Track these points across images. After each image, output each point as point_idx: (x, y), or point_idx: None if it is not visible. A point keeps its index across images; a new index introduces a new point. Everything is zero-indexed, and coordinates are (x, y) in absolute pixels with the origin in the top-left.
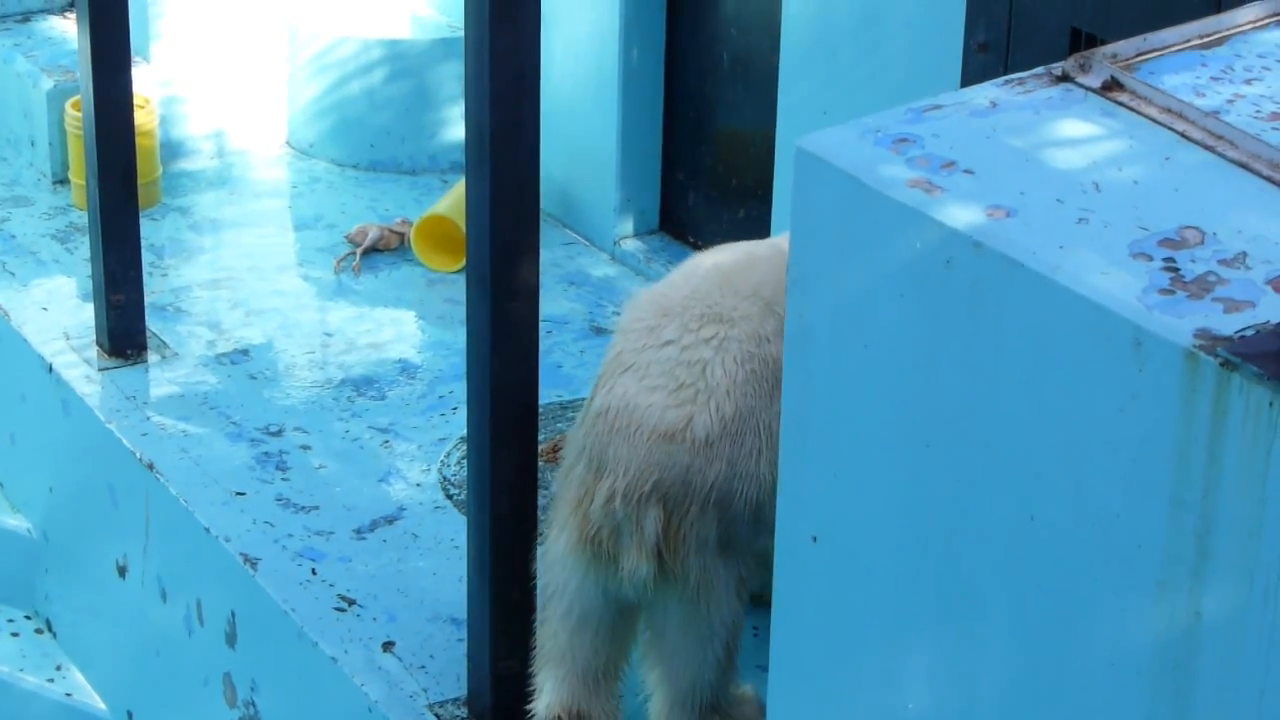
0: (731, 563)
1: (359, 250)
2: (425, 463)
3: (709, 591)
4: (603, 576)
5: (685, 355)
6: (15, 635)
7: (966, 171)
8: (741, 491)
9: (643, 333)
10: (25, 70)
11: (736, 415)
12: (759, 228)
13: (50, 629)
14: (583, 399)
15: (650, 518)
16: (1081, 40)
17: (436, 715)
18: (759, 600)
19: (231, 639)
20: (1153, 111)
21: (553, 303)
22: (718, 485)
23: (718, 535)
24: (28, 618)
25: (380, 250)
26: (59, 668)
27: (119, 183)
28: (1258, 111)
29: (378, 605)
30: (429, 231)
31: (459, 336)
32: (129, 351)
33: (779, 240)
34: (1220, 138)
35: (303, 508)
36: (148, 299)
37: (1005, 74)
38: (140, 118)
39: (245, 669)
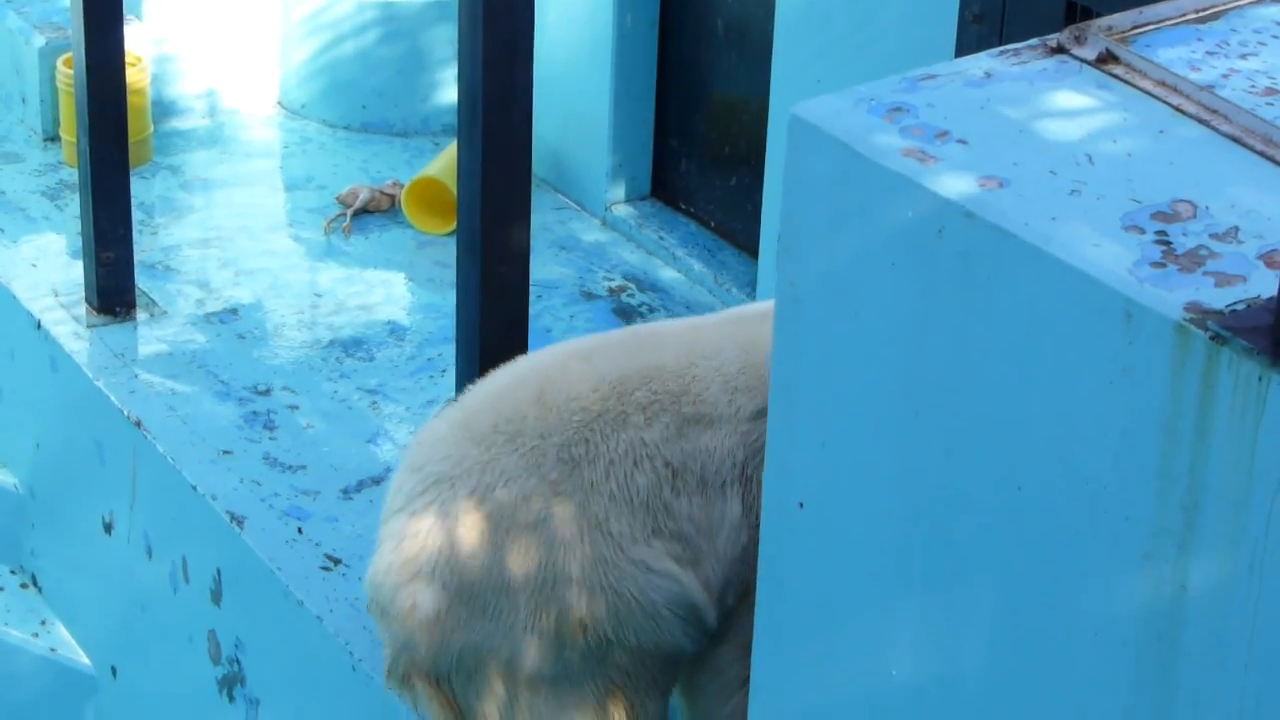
0: (571, 688)
1: (349, 211)
2: (413, 424)
3: (550, 716)
4: None
5: (411, 526)
6: (0, 590)
7: (960, 141)
8: (505, 648)
9: (393, 492)
10: (17, 27)
11: (466, 580)
12: (751, 195)
13: (36, 584)
14: None
15: (420, 694)
16: (1077, 13)
17: None
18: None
19: (217, 596)
20: (1147, 85)
21: (543, 267)
22: (469, 653)
23: (520, 677)
24: (13, 573)
25: (371, 212)
26: (44, 623)
27: (110, 140)
28: (1252, 86)
29: (364, 565)
30: (420, 194)
31: (449, 299)
32: (118, 309)
33: (565, 349)
34: (1214, 112)
35: (290, 467)
36: (137, 257)
37: (1000, 45)
38: (132, 76)
39: (230, 626)
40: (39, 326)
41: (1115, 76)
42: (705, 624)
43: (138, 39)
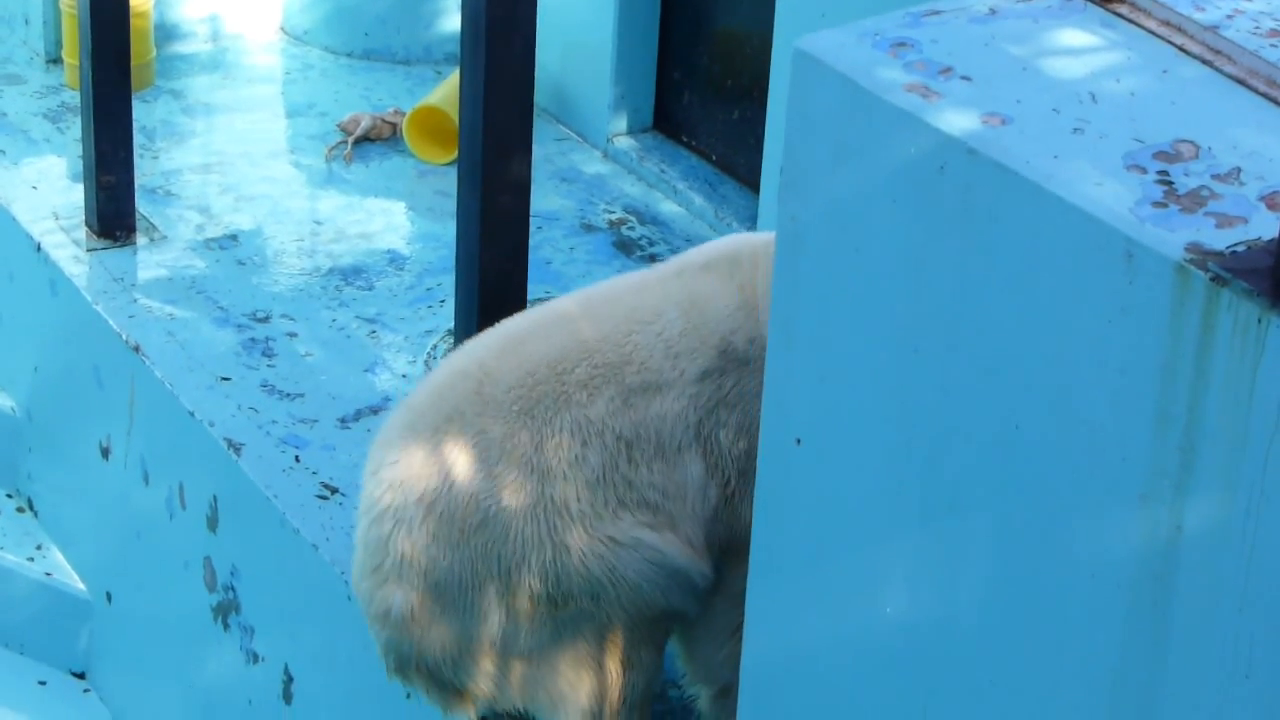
0: (562, 650)
1: (350, 139)
2: (411, 354)
3: (546, 683)
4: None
5: (373, 531)
6: None
7: (964, 78)
8: (484, 634)
9: (361, 496)
10: None
11: (430, 580)
12: (753, 128)
13: (31, 508)
14: None
15: (418, 687)
16: None
17: None
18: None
19: (213, 523)
20: (1152, 24)
21: (543, 198)
22: (450, 644)
23: (508, 654)
24: (9, 496)
25: (372, 140)
26: (39, 547)
27: (112, 64)
28: (1256, 28)
29: (360, 494)
30: (421, 122)
31: (449, 229)
32: (118, 233)
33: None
34: (1218, 52)
35: (288, 395)
36: (138, 181)
37: None
38: None
39: (226, 554)
40: (39, 249)
41: (1120, 15)
42: (694, 583)
43: None
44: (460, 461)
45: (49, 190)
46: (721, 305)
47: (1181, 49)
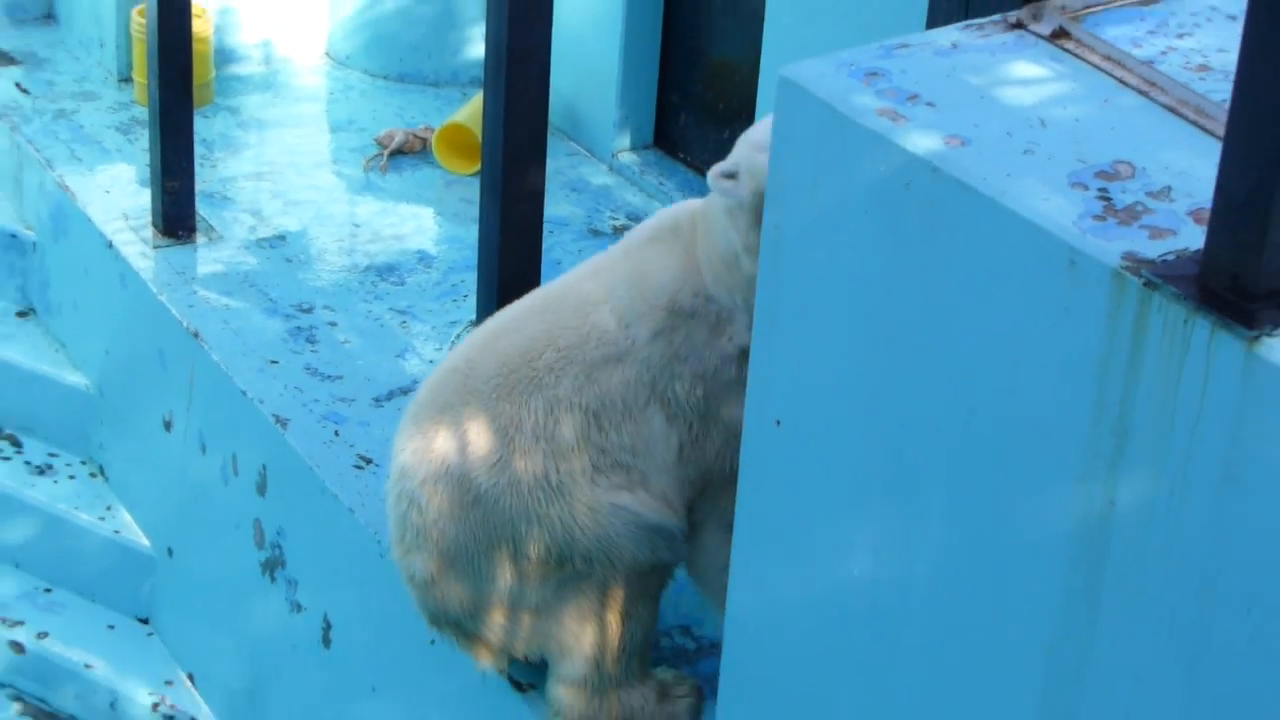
0: (563, 605)
1: (386, 152)
2: (438, 342)
3: (553, 634)
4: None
5: (395, 510)
6: (72, 478)
7: (928, 104)
8: (492, 593)
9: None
10: None
11: (441, 549)
12: None
13: (103, 474)
14: None
15: (450, 638)
16: None
17: None
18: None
19: (262, 489)
20: (1095, 59)
21: (555, 206)
22: (467, 601)
23: (516, 609)
24: (83, 463)
25: (405, 153)
26: (109, 508)
27: (177, 83)
28: (1187, 63)
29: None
30: (449, 138)
31: (471, 232)
32: (180, 233)
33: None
34: (1153, 84)
35: (329, 376)
36: (198, 187)
37: (966, 19)
38: (197, 25)
39: (273, 516)
40: (110, 246)
41: (1067, 50)
42: (672, 534)
43: None
44: (452, 446)
45: (120, 194)
46: (666, 270)
47: (1121, 81)
